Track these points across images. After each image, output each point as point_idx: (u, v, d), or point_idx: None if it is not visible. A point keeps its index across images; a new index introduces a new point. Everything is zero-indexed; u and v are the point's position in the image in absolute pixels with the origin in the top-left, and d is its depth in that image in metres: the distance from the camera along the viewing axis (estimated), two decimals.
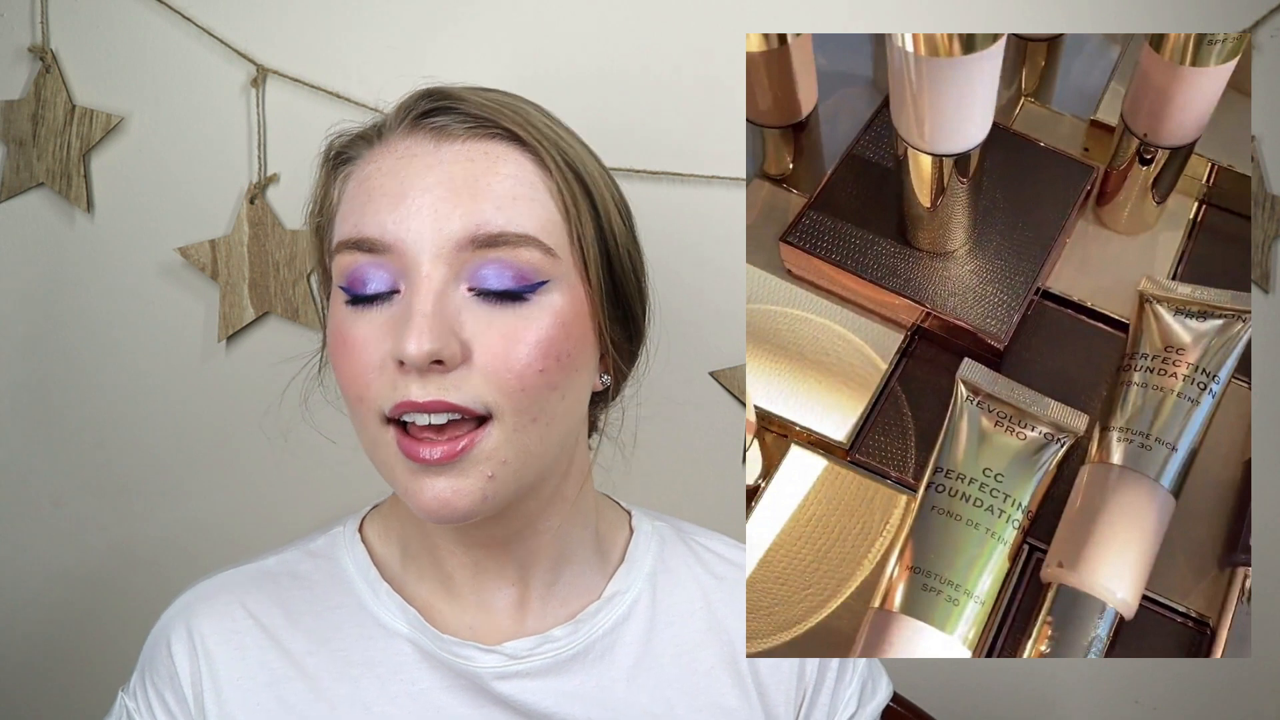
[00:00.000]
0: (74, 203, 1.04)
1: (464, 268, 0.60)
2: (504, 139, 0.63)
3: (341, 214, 0.64)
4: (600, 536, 0.73)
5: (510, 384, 0.60)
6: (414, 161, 0.62)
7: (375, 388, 0.61)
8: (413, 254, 0.60)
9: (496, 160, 0.62)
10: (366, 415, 0.62)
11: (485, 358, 0.60)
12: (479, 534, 0.68)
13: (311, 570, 0.72)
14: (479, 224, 0.60)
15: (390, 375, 0.60)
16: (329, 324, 0.65)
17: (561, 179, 0.63)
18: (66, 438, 1.07)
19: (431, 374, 0.59)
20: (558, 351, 0.61)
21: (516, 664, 0.68)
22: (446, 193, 0.60)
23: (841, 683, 0.74)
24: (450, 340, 0.59)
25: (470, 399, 0.59)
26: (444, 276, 0.60)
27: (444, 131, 0.62)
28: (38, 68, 1.03)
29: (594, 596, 0.71)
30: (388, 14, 1.03)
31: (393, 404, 0.60)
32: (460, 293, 0.61)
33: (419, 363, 0.58)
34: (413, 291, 0.60)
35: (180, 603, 0.71)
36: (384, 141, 0.64)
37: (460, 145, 0.62)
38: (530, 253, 0.61)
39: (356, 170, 0.64)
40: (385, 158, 0.63)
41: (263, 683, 0.68)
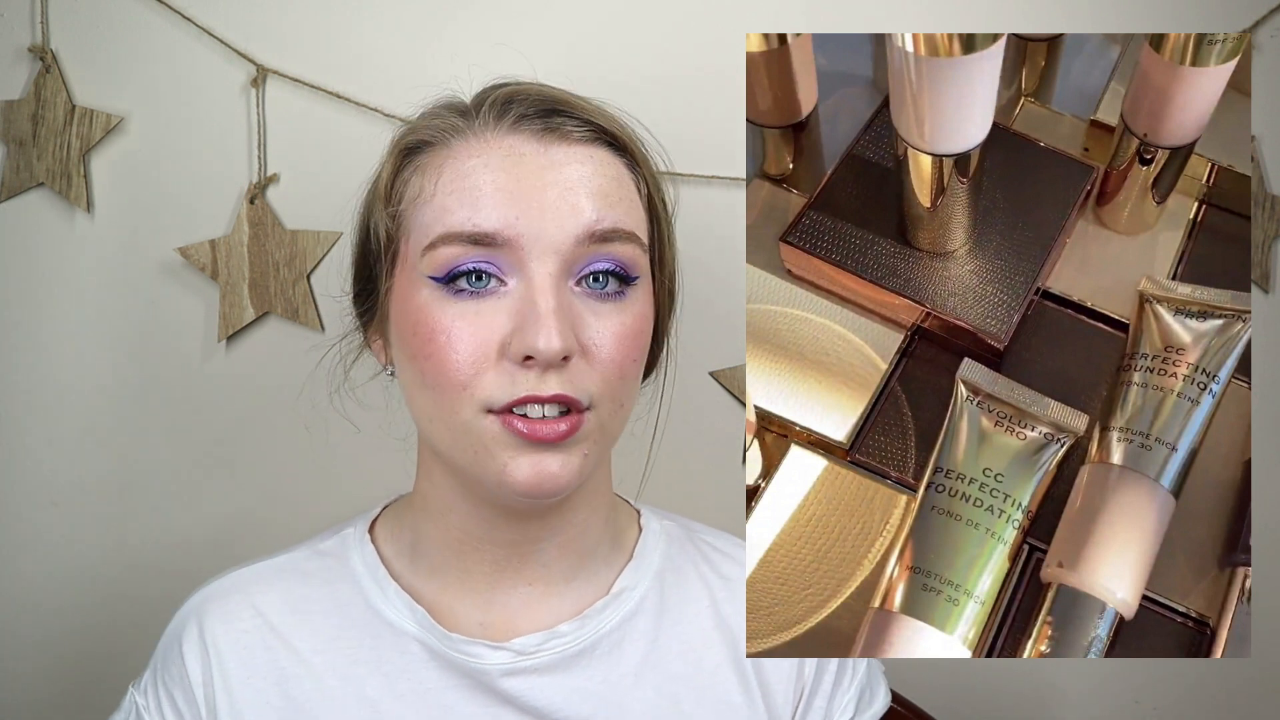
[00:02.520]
0: (74, 203, 1.04)
1: (575, 263, 0.63)
2: (601, 142, 0.66)
3: (441, 205, 0.63)
4: (617, 534, 0.74)
5: (612, 375, 0.63)
6: (524, 161, 0.63)
7: (484, 379, 0.62)
8: (533, 249, 0.62)
9: (602, 163, 0.65)
10: (465, 405, 0.62)
11: (596, 352, 0.63)
12: (511, 531, 0.68)
13: (320, 569, 0.72)
14: (597, 219, 0.63)
15: (506, 368, 0.62)
16: (408, 314, 0.64)
17: (649, 179, 0.68)
18: (66, 438, 1.07)
19: (553, 368, 0.61)
20: (643, 343, 0.66)
21: (524, 659, 0.68)
22: (564, 191, 0.63)
23: (839, 687, 0.74)
24: (572, 336, 0.62)
25: (580, 391, 0.62)
26: (557, 271, 0.62)
27: (548, 134, 0.64)
28: (38, 68, 1.03)
29: (602, 592, 0.71)
30: (388, 14, 1.03)
31: (512, 397, 0.61)
32: (569, 287, 0.63)
33: (552, 359, 0.60)
34: (530, 287, 0.62)
35: (192, 602, 0.72)
36: (480, 137, 0.64)
37: (569, 147, 0.64)
38: (632, 249, 0.64)
39: (450, 162, 0.64)
40: (489, 153, 0.64)
41: (272, 681, 0.69)
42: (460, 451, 0.64)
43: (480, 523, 0.68)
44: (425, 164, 0.65)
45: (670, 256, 0.70)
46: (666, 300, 0.71)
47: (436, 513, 0.69)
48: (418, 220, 0.64)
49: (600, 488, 0.71)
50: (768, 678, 0.72)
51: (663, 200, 0.69)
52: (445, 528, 0.69)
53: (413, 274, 0.64)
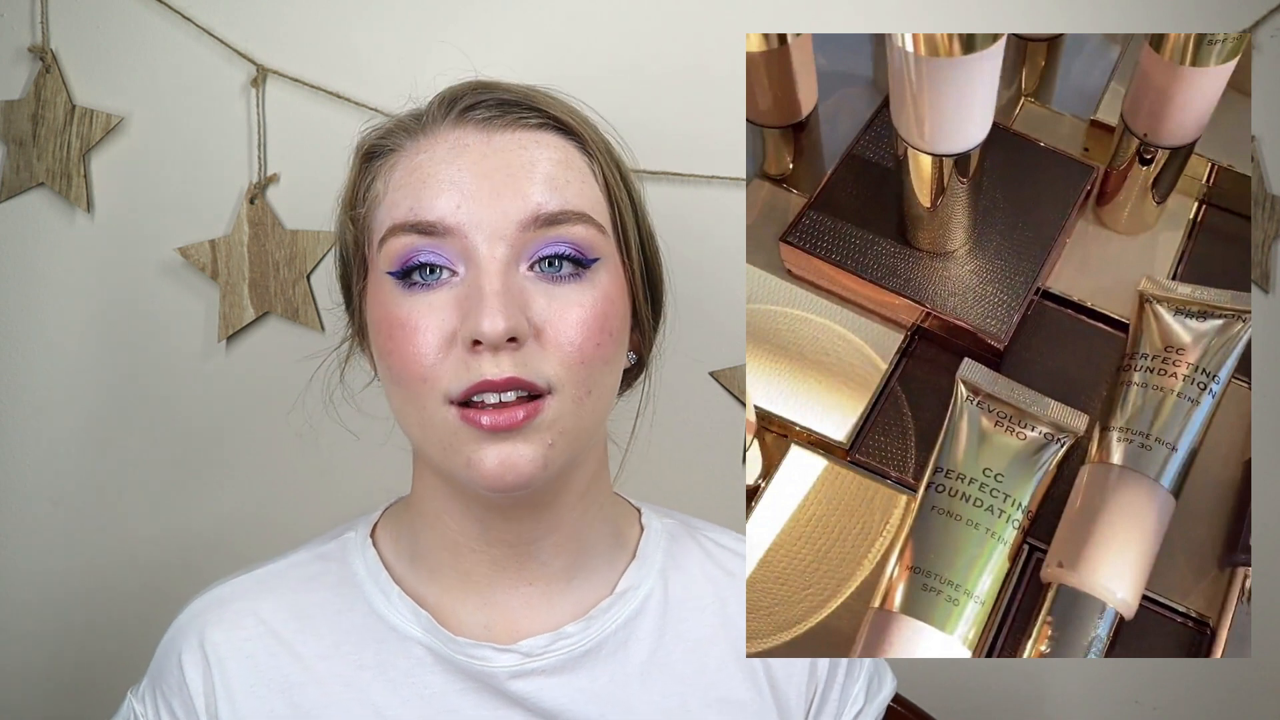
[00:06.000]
0: (74, 203, 1.04)
1: (525, 247, 0.63)
2: (549, 128, 0.66)
3: (391, 200, 0.65)
4: (618, 532, 0.74)
5: (572, 358, 0.62)
6: (467, 150, 0.64)
7: (441, 369, 0.62)
8: (476, 236, 0.62)
9: (548, 147, 0.65)
10: (428, 396, 0.62)
11: (550, 333, 0.62)
12: (506, 531, 0.68)
13: (322, 573, 0.72)
14: (538, 204, 0.63)
15: (459, 356, 0.62)
16: (374, 312, 0.65)
17: (604, 161, 0.67)
18: (66, 438, 1.07)
19: (504, 351, 0.61)
20: (610, 327, 0.64)
21: (531, 661, 0.68)
22: (505, 178, 0.63)
23: (850, 679, 0.74)
24: (521, 318, 0.61)
25: (537, 374, 0.61)
26: (506, 257, 0.62)
27: (493, 122, 0.65)
28: (38, 68, 1.03)
29: (606, 592, 0.71)
30: (388, 14, 1.03)
31: (467, 384, 0.61)
32: (521, 272, 0.63)
33: (496, 340, 0.60)
34: (478, 273, 0.62)
35: (191, 611, 0.71)
36: (429, 133, 0.66)
37: (510, 134, 0.65)
38: (585, 230, 0.64)
39: (403, 159, 0.66)
40: (436, 147, 0.65)
41: (276, 689, 0.68)
42: (431, 446, 0.64)
43: (474, 523, 0.68)
44: (381, 167, 0.67)
45: (641, 240, 0.69)
46: (642, 285, 0.69)
47: (432, 516, 0.69)
48: (375, 220, 0.66)
49: (594, 485, 0.71)
50: (776, 672, 0.72)
51: (623, 182, 0.68)
52: (442, 530, 0.69)
53: (376, 273, 0.65)
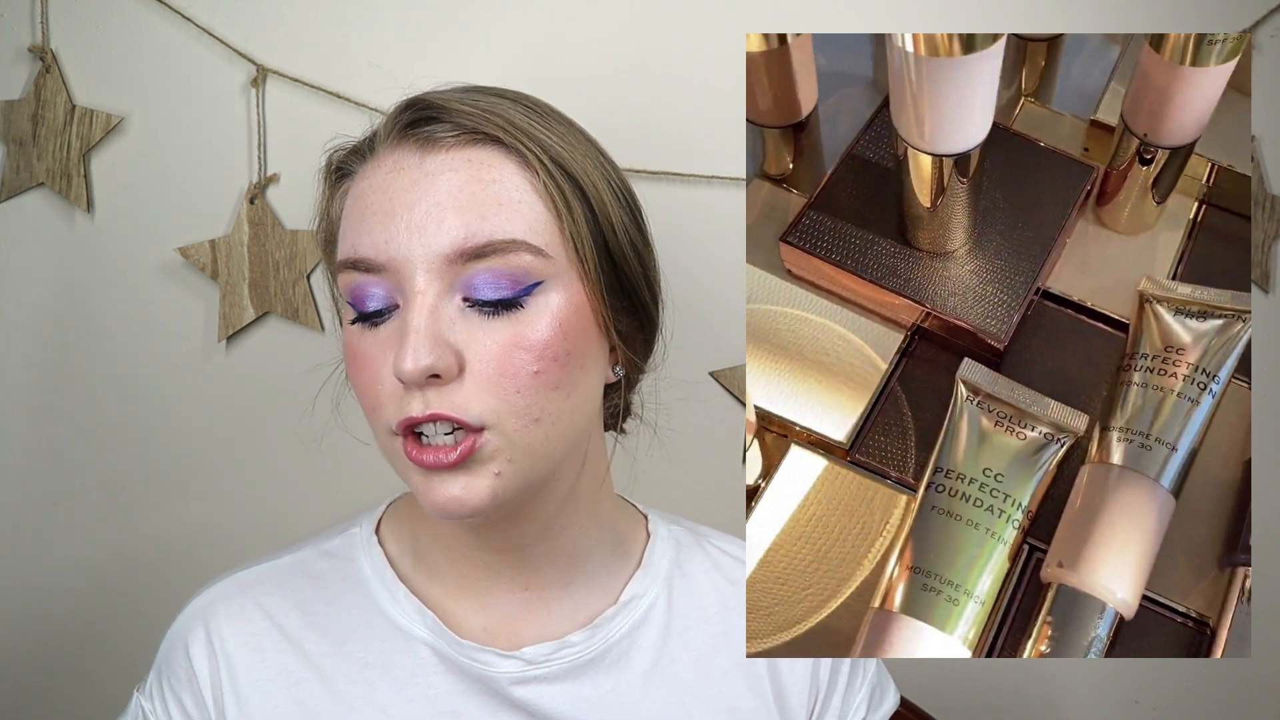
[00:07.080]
0: (74, 203, 1.04)
1: (456, 280, 0.61)
2: (488, 144, 0.62)
3: (341, 232, 0.64)
4: (620, 539, 0.73)
5: (506, 389, 0.60)
6: (401, 175, 0.62)
7: (384, 401, 0.62)
8: (405, 271, 0.60)
9: (481, 167, 0.62)
10: (379, 426, 0.63)
11: (479, 366, 0.60)
12: (495, 538, 0.68)
13: (327, 570, 0.72)
14: (466, 235, 0.60)
15: (397, 390, 0.61)
16: (344, 335, 0.65)
17: (548, 178, 0.62)
18: (66, 438, 1.07)
19: (430, 388, 0.60)
20: (554, 352, 0.61)
21: (534, 669, 0.68)
22: (431, 207, 0.60)
23: (852, 687, 0.74)
24: (444, 353, 0.59)
25: (464, 411, 0.60)
26: (438, 290, 0.60)
27: (429, 141, 0.62)
28: (38, 68, 1.03)
29: (610, 601, 0.71)
30: (388, 14, 1.03)
31: (398, 419, 0.61)
32: (454, 304, 0.61)
33: (415, 379, 0.59)
34: (407, 308, 0.60)
35: (197, 603, 0.71)
36: (376, 154, 0.64)
37: (445, 155, 0.62)
38: (520, 256, 0.61)
39: (354, 186, 0.64)
40: (376, 173, 0.63)
41: (281, 685, 0.68)
42: (396, 470, 0.64)
43: (466, 528, 0.68)
44: (338, 191, 0.66)
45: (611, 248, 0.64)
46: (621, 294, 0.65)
47: (430, 518, 0.69)
48: (336, 249, 0.65)
49: (585, 493, 0.69)
50: (782, 680, 0.72)
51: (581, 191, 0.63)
52: (438, 533, 0.70)
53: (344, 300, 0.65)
